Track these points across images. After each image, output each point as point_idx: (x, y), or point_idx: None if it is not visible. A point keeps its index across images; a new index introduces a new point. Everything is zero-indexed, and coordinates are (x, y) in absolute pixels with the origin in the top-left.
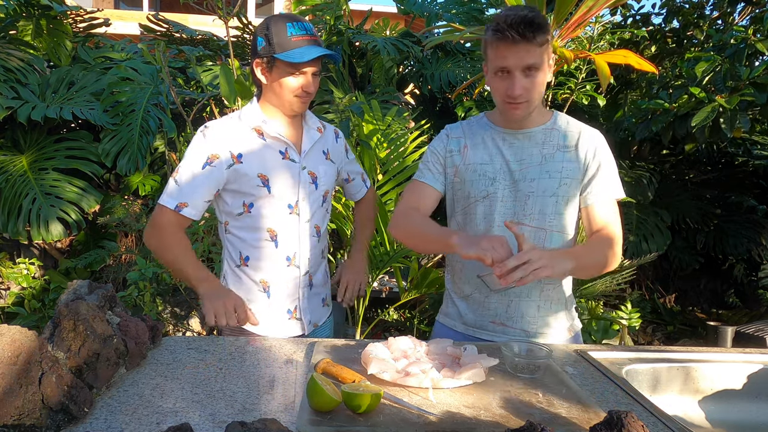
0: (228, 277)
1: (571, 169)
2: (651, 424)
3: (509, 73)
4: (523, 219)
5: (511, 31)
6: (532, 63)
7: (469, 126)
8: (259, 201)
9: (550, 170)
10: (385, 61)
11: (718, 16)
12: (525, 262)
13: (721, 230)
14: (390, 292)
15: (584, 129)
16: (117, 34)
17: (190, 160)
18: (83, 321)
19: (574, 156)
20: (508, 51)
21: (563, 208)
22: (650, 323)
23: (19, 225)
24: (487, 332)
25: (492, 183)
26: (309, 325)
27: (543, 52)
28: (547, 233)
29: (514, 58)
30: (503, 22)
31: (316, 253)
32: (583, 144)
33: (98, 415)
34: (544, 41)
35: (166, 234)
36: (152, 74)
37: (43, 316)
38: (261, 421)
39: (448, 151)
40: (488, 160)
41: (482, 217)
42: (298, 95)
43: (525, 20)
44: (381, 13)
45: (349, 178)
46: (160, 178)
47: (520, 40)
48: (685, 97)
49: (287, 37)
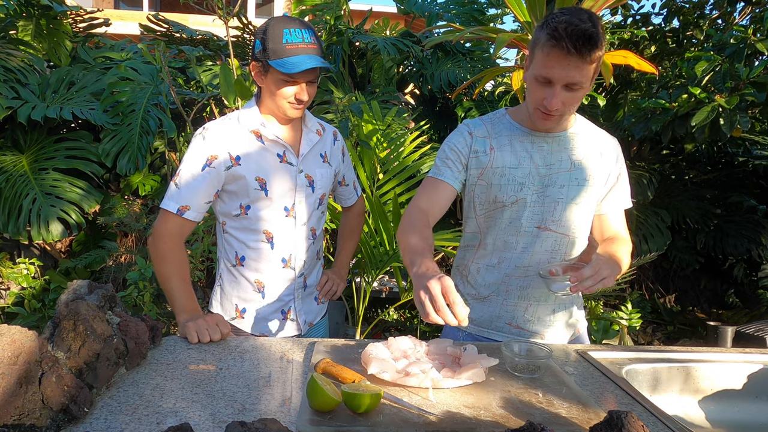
0: (224, 276)
1: (597, 177)
2: (651, 424)
3: (551, 83)
4: (550, 225)
5: (568, 43)
6: (578, 80)
7: (493, 125)
8: (256, 203)
9: (578, 177)
10: (385, 61)
11: (718, 16)
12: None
13: (721, 230)
14: (390, 292)
15: (606, 136)
16: (117, 34)
17: (189, 162)
18: (83, 321)
19: (601, 164)
20: (558, 62)
21: (586, 215)
22: (650, 323)
23: (20, 225)
24: (501, 333)
25: (521, 188)
26: (304, 325)
27: (593, 70)
28: (569, 239)
29: (561, 71)
30: (562, 30)
31: (311, 255)
32: (608, 152)
33: (98, 415)
34: (597, 59)
35: (168, 246)
36: (152, 74)
37: (43, 316)
38: (261, 421)
39: (473, 151)
40: (516, 164)
41: (508, 221)
42: (291, 102)
43: (585, 34)
44: (381, 13)
45: (342, 182)
46: (160, 178)
47: (575, 54)
48: (685, 96)
49: (282, 44)
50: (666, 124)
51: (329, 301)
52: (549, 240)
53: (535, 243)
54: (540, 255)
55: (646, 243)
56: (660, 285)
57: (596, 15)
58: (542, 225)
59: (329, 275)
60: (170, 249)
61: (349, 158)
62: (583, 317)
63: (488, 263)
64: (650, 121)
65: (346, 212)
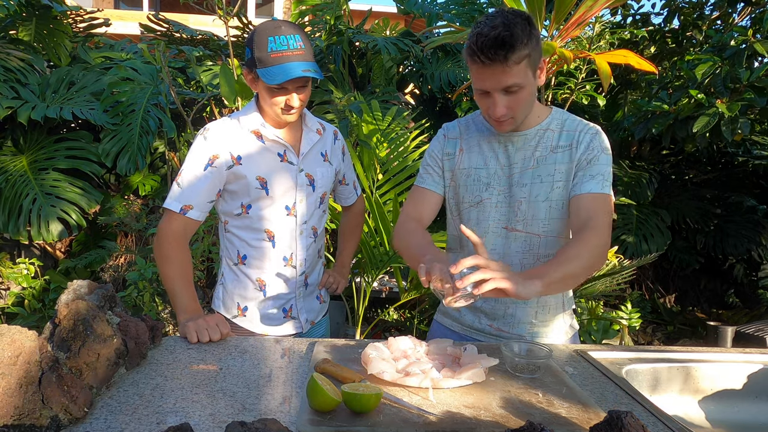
0: (226, 275)
1: (563, 170)
2: (651, 424)
3: (488, 93)
4: (516, 225)
5: (481, 56)
6: (511, 84)
7: (467, 126)
8: (257, 203)
9: (542, 174)
10: (385, 61)
11: (718, 17)
12: (483, 267)
13: (721, 230)
14: (390, 292)
15: (581, 126)
16: (117, 34)
17: (192, 162)
18: (83, 321)
19: (568, 156)
20: (483, 74)
21: (557, 213)
22: (650, 323)
23: (20, 225)
24: (484, 335)
25: (486, 188)
26: (306, 323)
27: (523, 69)
28: (541, 239)
29: (490, 81)
30: (473, 44)
31: (312, 254)
32: (578, 141)
33: (98, 415)
34: (521, 58)
35: (172, 246)
36: (152, 74)
37: (43, 316)
38: (261, 421)
39: (446, 154)
40: (483, 164)
41: (475, 222)
42: (283, 109)
43: (496, 42)
44: (381, 13)
45: (343, 181)
46: (160, 178)
47: (492, 63)
48: (686, 100)
49: (267, 53)
50: (666, 127)
51: (329, 301)
52: (519, 240)
53: (505, 244)
54: (512, 256)
55: (646, 243)
56: (660, 285)
57: (516, 13)
58: (509, 225)
59: (331, 272)
60: (174, 249)
61: (349, 157)
62: (573, 321)
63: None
64: (650, 122)
65: (346, 212)
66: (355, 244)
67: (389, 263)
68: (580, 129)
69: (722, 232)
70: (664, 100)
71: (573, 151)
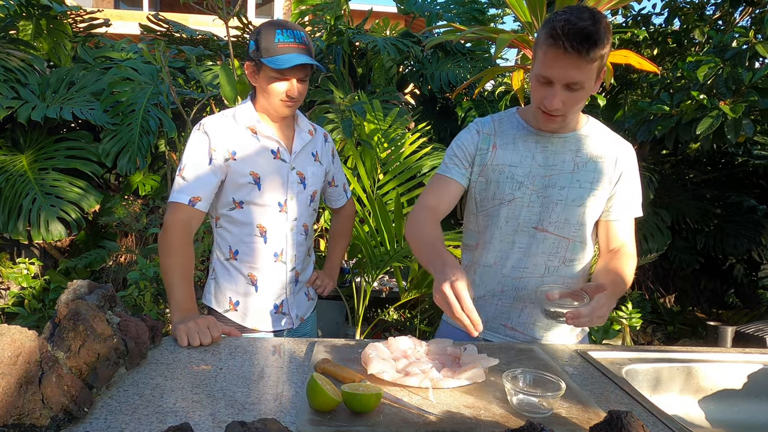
0: (218, 270)
1: (602, 180)
2: (651, 424)
3: (551, 83)
4: (547, 227)
5: (566, 42)
6: (578, 80)
7: (501, 123)
8: (250, 198)
9: (581, 179)
10: (385, 61)
11: (719, 17)
12: (593, 314)
13: (721, 230)
14: (390, 292)
15: (618, 140)
16: (117, 34)
17: (192, 155)
18: (83, 321)
19: (607, 167)
20: (556, 61)
21: (588, 219)
22: (650, 323)
23: (19, 225)
24: (497, 335)
25: (519, 187)
26: (296, 318)
27: (593, 70)
28: (570, 243)
29: (560, 71)
30: (560, 29)
31: (302, 251)
32: (616, 156)
33: (98, 415)
34: (597, 57)
35: (177, 238)
36: (152, 74)
37: (43, 316)
38: (261, 421)
39: (479, 149)
40: (518, 162)
41: (505, 220)
42: (283, 99)
43: (583, 33)
44: (381, 13)
45: (332, 182)
46: (160, 177)
47: (573, 53)
48: (688, 102)
49: (274, 42)
50: (669, 130)
51: (329, 301)
52: (547, 242)
53: (533, 244)
54: (537, 257)
55: (646, 243)
56: (660, 285)
57: (601, 13)
58: (539, 226)
59: (319, 273)
60: (179, 242)
61: (339, 160)
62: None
63: (485, 263)
64: (653, 124)
65: (335, 214)
66: (344, 246)
67: (389, 263)
68: (620, 143)
69: (722, 232)
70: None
71: (614, 165)
